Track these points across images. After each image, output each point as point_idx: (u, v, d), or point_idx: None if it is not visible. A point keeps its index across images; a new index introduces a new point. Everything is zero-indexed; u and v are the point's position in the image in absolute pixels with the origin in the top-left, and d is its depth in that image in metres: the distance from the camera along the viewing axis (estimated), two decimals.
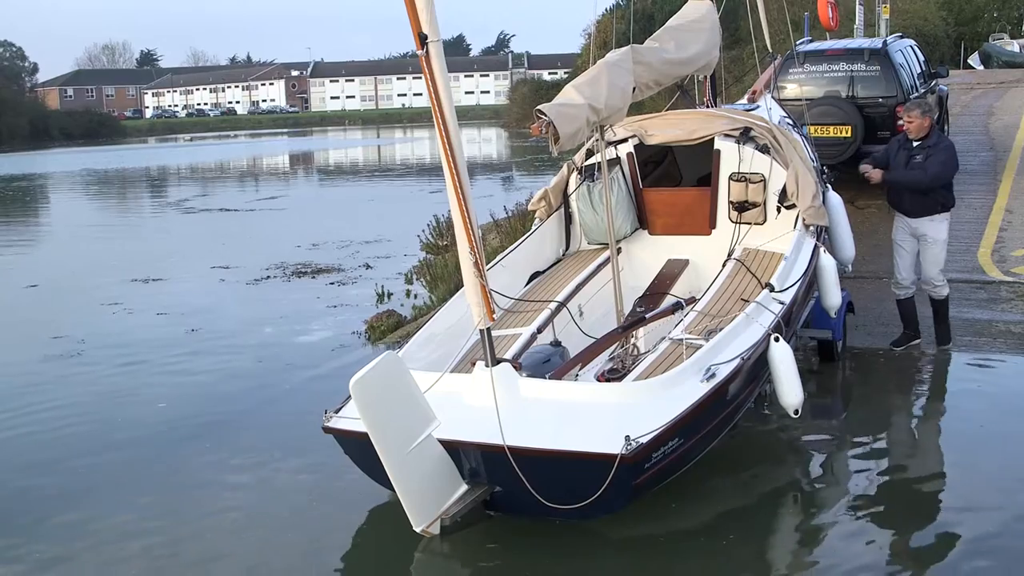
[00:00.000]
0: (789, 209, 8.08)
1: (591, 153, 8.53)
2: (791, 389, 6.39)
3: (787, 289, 7.05)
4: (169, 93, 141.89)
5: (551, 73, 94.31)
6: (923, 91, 14.52)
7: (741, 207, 8.29)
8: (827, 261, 7.80)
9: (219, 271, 15.50)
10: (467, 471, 5.65)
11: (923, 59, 15.66)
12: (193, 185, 35.96)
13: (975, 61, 38.34)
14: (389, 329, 10.78)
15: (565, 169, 8.89)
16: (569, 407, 5.77)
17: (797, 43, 14.51)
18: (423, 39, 5.46)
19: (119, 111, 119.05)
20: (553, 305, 7.51)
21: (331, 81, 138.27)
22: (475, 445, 5.53)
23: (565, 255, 8.84)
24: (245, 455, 7.49)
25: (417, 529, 5.55)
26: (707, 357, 5.99)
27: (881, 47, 13.89)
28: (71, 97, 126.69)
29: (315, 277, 14.62)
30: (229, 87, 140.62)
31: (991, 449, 6.84)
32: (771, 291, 6.95)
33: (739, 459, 6.74)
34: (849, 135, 13.02)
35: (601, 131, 7.44)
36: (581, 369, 6.66)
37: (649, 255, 8.63)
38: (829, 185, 8.98)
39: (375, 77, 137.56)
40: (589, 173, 8.54)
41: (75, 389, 9.50)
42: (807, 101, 12.63)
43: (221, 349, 10.72)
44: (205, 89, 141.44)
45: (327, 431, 5.94)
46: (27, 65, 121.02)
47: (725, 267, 7.75)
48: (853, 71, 13.57)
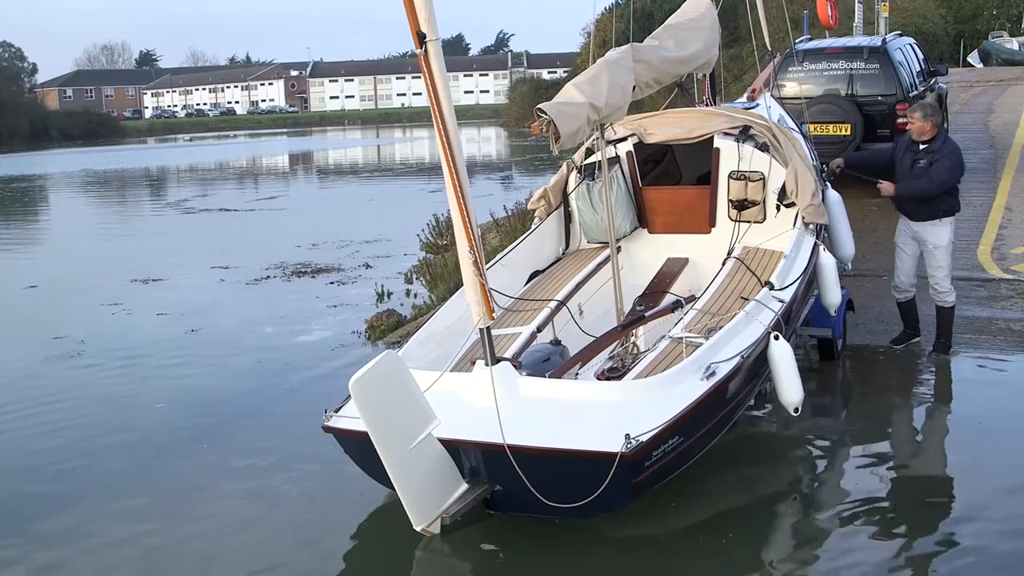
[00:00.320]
0: (789, 207, 8.08)
1: (591, 152, 8.53)
2: (791, 387, 6.39)
3: (787, 287, 7.05)
4: (168, 93, 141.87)
5: (550, 72, 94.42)
6: (922, 89, 14.54)
7: (741, 205, 8.30)
8: (827, 259, 7.79)
9: (219, 271, 15.50)
10: (467, 470, 5.65)
11: (922, 57, 15.67)
12: (193, 185, 35.96)
13: (974, 59, 38.40)
14: (389, 328, 10.78)
15: (564, 168, 8.89)
16: (569, 406, 5.78)
17: (796, 41, 14.53)
18: (422, 38, 5.46)
19: (118, 111, 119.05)
20: (553, 304, 7.52)
21: (330, 81, 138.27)
22: (475, 444, 5.54)
23: (565, 254, 8.85)
24: (245, 455, 7.49)
25: (417, 528, 5.56)
26: (707, 355, 6.00)
27: (880, 45, 13.90)
28: (70, 98, 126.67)
29: (315, 277, 14.62)
30: (228, 87, 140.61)
31: (991, 447, 6.84)
32: (771, 289, 6.95)
33: (739, 457, 6.75)
34: (848, 133, 13.03)
35: (601, 130, 7.44)
36: (581, 368, 6.66)
37: (649, 254, 8.63)
38: (828, 183, 8.98)
39: (374, 77, 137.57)
40: (589, 172, 8.54)
41: (74, 389, 9.50)
42: (806, 99, 12.65)
43: (221, 349, 10.72)
44: (204, 89, 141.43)
45: (327, 430, 5.94)
46: (26, 66, 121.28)
47: (725, 265, 7.75)
48: (852, 69, 13.58)
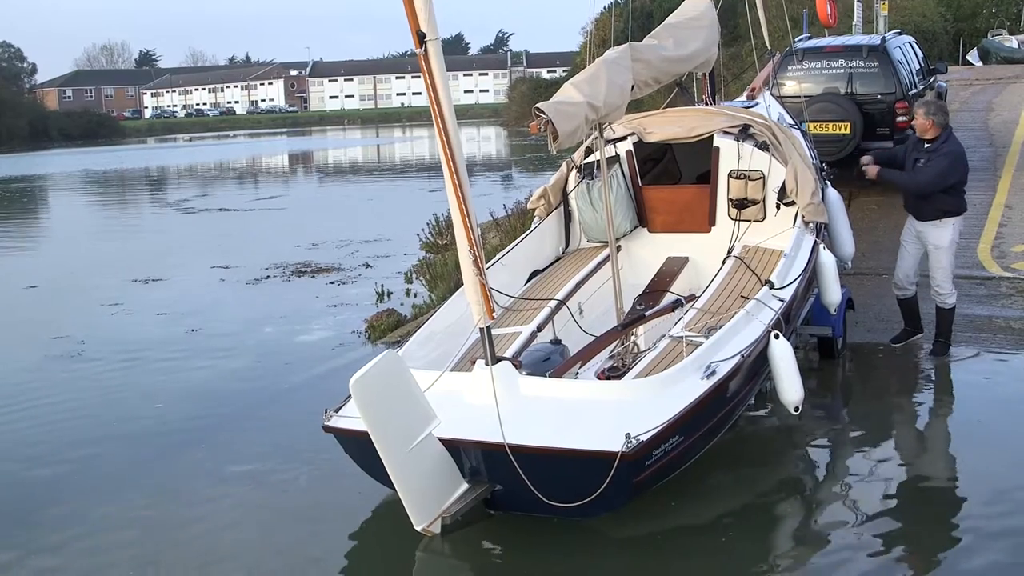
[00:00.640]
0: (788, 206, 8.08)
1: (590, 151, 8.53)
2: (791, 386, 6.39)
3: (787, 286, 7.05)
4: (168, 93, 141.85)
5: (550, 71, 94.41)
6: (922, 87, 14.54)
7: (740, 204, 8.30)
8: (827, 258, 7.78)
9: (219, 271, 15.50)
10: (468, 470, 5.65)
11: (922, 55, 15.68)
12: (192, 185, 35.94)
13: (974, 57, 38.40)
14: (389, 328, 10.78)
15: (564, 167, 8.89)
16: (569, 405, 5.78)
17: (796, 40, 14.52)
18: (422, 38, 5.46)
19: (118, 111, 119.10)
20: (553, 303, 7.52)
21: (330, 80, 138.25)
22: (475, 443, 5.53)
23: (565, 253, 8.85)
24: (244, 454, 7.49)
25: (418, 528, 5.56)
26: (707, 354, 6.00)
27: (880, 44, 13.90)
28: (70, 98, 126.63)
29: (315, 276, 14.62)
30: (228, 87, 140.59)
31: (991, 445, 6.83)
32: (771, 288, 6.95)
33: (739, 457, 6.75)
34: (848, 132, 13.03)
35: (600, 129, 7.43)
36: (581, 367, 6.66)
37: (649, 253, 8.63)
38: (828, 182, 8.98)
39: (374, 76, 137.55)
40: (588, 171, 8.54)
41: (74, 389, 9.50)
42: (806, 98, 12.66)
43: (221, 349, 10.72)
44: (204, 89, 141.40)
45: (327, 430, 5.94)
46: (26, 66, 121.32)
47: (725, 264, 7.76)
48: (852, 68, 13.58)
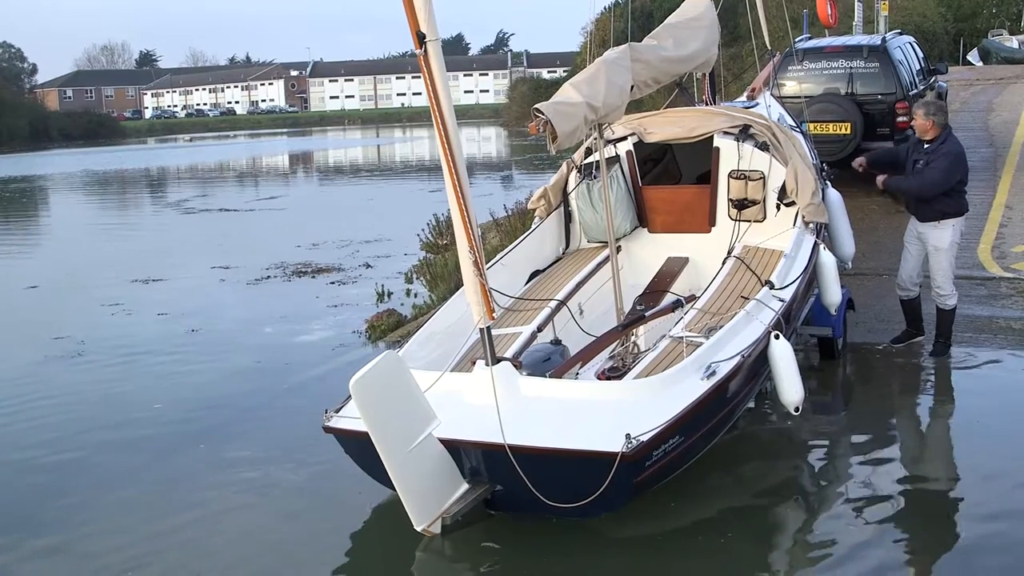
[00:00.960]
0: (789, 206, 8.08)
1: (590, 151, 8.52)
2: (791, 386, 6.39)
3: (787, 286, 7.05)
4: (168, 93, 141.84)
5: (550, 72, 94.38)
6: (922, 88, 14.54)
7: (741, 204, 8.30)
8: (827, 258, 7.79)
9: (219, 271, 15.50)
10: (468, 470, 5.65)
11: (922, 56, 15.67)
12: (193, 185, 35.94)
13: (974, 57, 38.35)
14: (389, 328, 10.78)
15: (564, 167, 8.89)
16: (569, 405, 5.78)
17: (796, 40, 14.52)
18: (422, 38, 5.46)
19: (118, 112, 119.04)
20: (553, 303, 7.52)
21: (330, 81, 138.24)
22: (476, 444, 5.54)
23: (565, 253, 8.85)
24: (244, 455, 7.48)
25: (418, 528, 5.56)
26: (707, 355, 6.00)
27: (880, 44, 13.89)
28: (70, 98, 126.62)
29: (315, 277, 14.62)
30: (228, 87, 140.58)
31: (991, 446, 6.83)
32: (771, 288, 6.95)
33: (739, 457, 6.74)
34: (848, 132, 13.03)
35: (599, 129, 7.43)
36: (581, 367, 6.66)
37: (649, 253, 8.63)
38: (829, 182, 8.98)
39: (374, 77, 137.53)
40: (588, 171, 8.54)
41: (74, 389, 9.50)
42: (806, 98, 12.66)
43: (221, 349, 10.72)
44: (204, 89, 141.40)
45: (327, 431, 5.94)
46: (26, 66, 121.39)
47: (725, 265, 7.75)
48: (852, 68, 13.58)
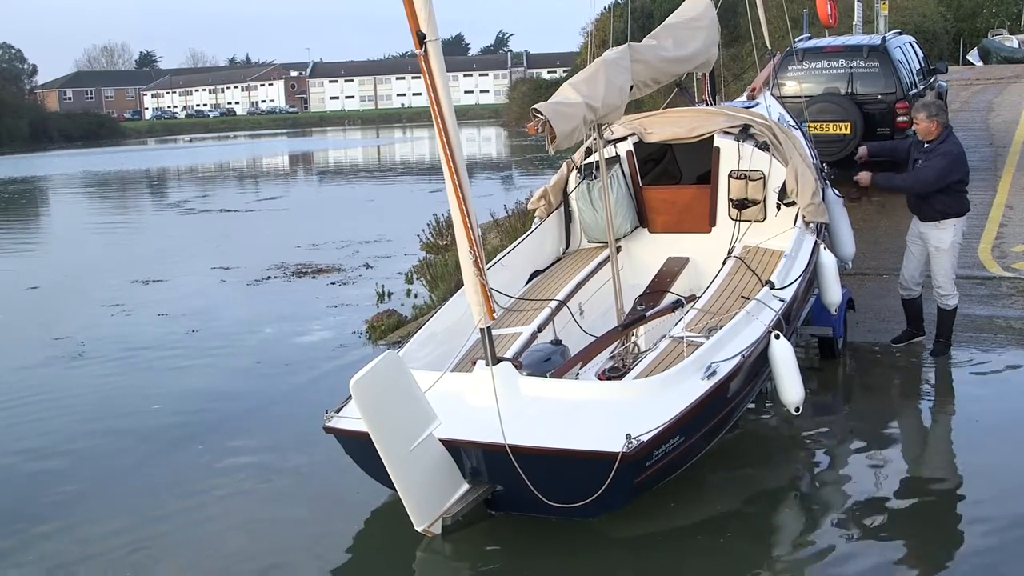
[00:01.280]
0: (789, 206, 8.08)
1: (590, 151, 8.52)
2: (792, 386, 6.39)
3: (787, 286, 7.05)
4: (168, 94, 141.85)
5: (550, 72, 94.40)
6: (922, 87, 14.54)
7: (741, 204, 8.30)
8: (827, 258, 7.79)
9: (219, 272, 15.50)
10: (468, 470, 5.65)
11: (922, 55, 15.67)
12: (193, 186, 35.94)
13: (974, 57, 38.40)
14: (389, 329, 10.78)
15: (564, 168, 8.89)
16: (570, 405, 5.78)
17: (796, 40, 14.52)
18: (422, 38, 5.46)
19: (118, 112, 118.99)
20: (553, 304, 7.52)
21: (330, 81, 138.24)
22: (476, 444, 5.54)
23: (565, 254, 8.85)
24: (245, 455, 7.48)
25: (419, 528, 5.56)
26: (707, 355, 6.00)
27: (880, 44, 13.89)
28: (70, 99, 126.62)
29: (315, 277, 14.62)
30: (228, 88, 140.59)
31: (991, 445, 6.83)
32: (771, 288, 6.95)
33: (739, 457, 6.74)
34: (848, 132, 13.03)
35: (599, 129, 7.43)
36: (582, 368, 6.66)
37: (649, 253, 8.63)
38: (829, 182, 8.98)
39: (374, 77, 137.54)
40: (588, 171, 8.54)
41: (74, 389, 9.50)
42: (806, 98, 12.66)
43: (221, 349, 10.72)
44: (204, 90, 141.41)
45: (328, 431, 5.95)
46: (26, 67, 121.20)
47: (725, 265, 7.76)
48: (852, 68, 13.58)
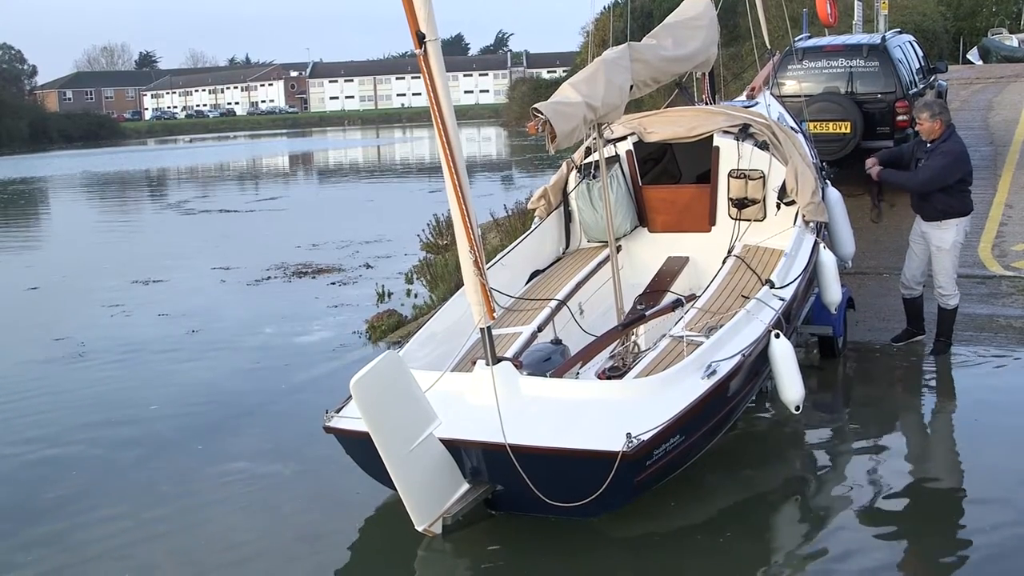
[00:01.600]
0: (789, 205, 8.09)
1: (590, 151, 8.53)
2: (792, 385, 6.40)
3: (787, 285, 7.05)
4: (168, 94, 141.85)
5: (550, 71, 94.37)
6: (922, 87, 14.54)
7: (741, 204, 8.30)
8: (827, 257, 7.79)
9: (219, 272, 15.50)
10: (468, 470, 5.65)
11: (922, 54, 15.67)
12: (193, 186, 35.95)
13: (974, 56, 38.35)
14: (390, 328, 10.78)
15: (564, 167, 8.89)
16: (570, 405, 5.78)
17: (796, 39, 14.51)
18: (421, 38, 5.46)
19: (118, 113, 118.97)
20: (553, 303, 7.52)
21: (330, 81, 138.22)
22: (476, 444, 5.54)
23: (565, 253, 8.85)
24: (244, 455, 7.48)
25: (419, 528, 5.56)
26: (708, 354, 6.00)
27: (880, 43, 13.88)
28: (70, 99, 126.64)
29: (315, 277, 14.62)
30: (228, 88, 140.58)
31: (992, 444, 6.83)
32: (771, 287, 6.95)
33: (739, 456, 6.74)
34: (848, 131, 13.03)
35: (599, 129, 7.43)
36: (582, 367, 6.66)
37: (649, 253, 8.63)
38: (828, 181, 8.98)
39: (374, 77, 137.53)
40: (588, 171, 8.55)
41: (74, 390, 9.50)
42: (806, 97, 12.65)
43: (221, 350, 10.72)
44: (204, 90, 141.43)
45: (328, 431, 5.95)
46: (26, 68, 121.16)
47: (725, 264, 7.76)
48: (852, 67, 13.58)
